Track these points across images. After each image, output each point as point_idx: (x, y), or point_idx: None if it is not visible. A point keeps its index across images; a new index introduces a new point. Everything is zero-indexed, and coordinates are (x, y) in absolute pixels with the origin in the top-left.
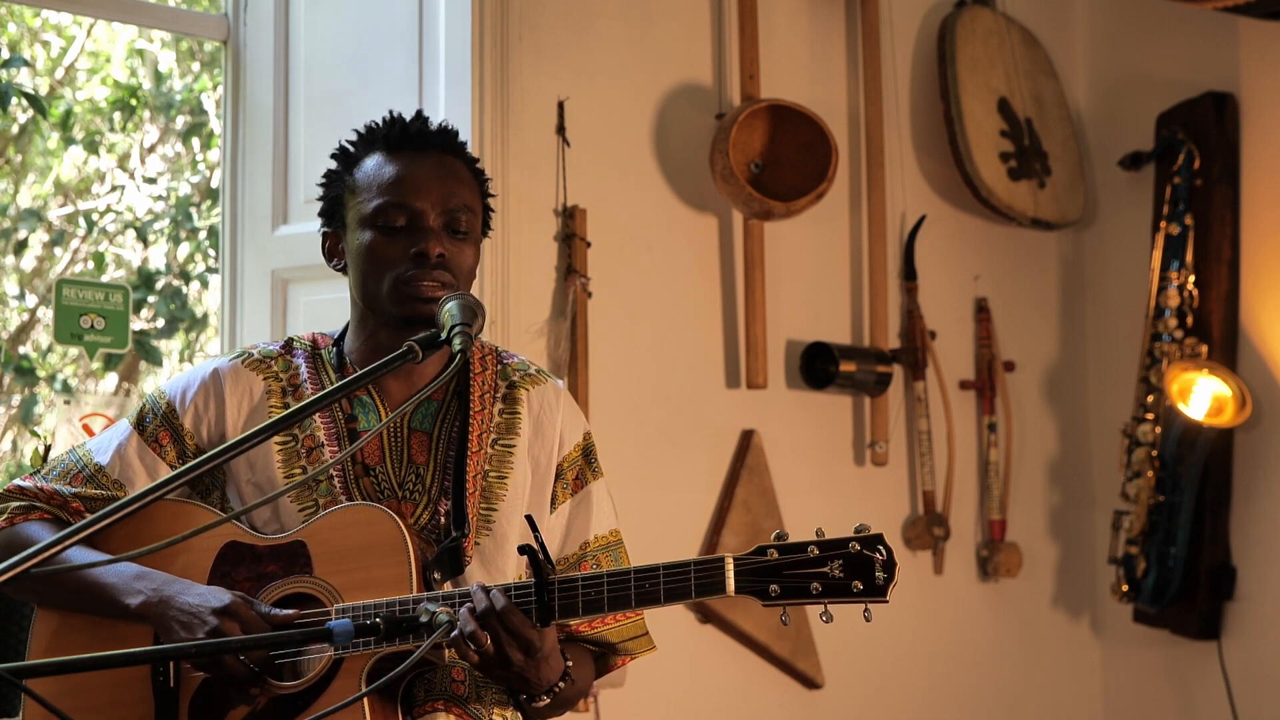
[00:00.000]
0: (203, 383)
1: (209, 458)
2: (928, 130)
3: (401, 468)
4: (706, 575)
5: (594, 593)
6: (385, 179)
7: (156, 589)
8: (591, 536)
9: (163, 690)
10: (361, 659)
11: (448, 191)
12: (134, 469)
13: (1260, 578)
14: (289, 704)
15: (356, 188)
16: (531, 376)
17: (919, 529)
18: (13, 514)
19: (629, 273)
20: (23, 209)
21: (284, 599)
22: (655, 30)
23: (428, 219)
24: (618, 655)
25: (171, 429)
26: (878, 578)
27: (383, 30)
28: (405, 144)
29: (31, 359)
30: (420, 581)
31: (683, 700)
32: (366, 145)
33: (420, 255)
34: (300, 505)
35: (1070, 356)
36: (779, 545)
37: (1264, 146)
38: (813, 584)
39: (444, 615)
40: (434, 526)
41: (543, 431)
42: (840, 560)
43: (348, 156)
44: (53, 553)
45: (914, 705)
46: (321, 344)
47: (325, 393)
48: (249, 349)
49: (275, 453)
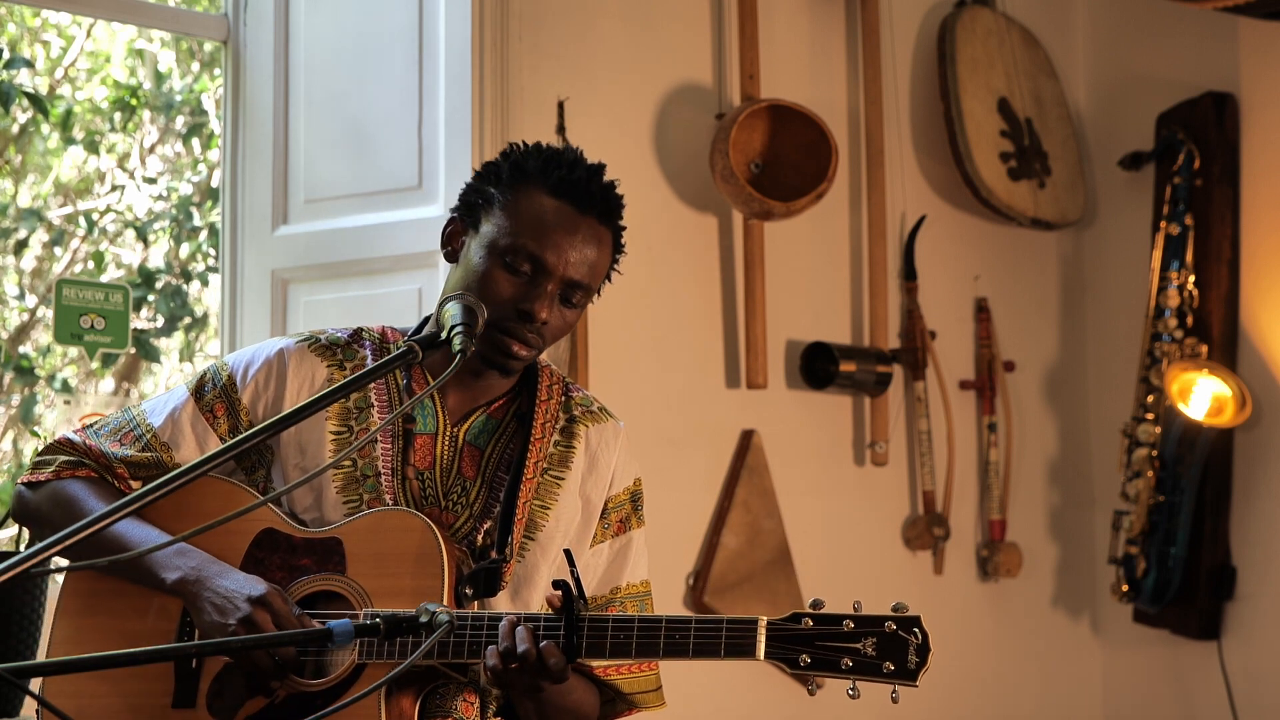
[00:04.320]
0: (267, 360)
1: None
2: (928, 130)
3: (450, 478)
4: (738, 636)
5: (623, 636)
6: (534, 221)
7: (195, 567)
8: (624, 583)
9: (184, 669)
10: (384, 668)
11: (582, 263)
12: (185, 434)
13: (1260, 578)
14: (307, 701)
15: (505, 208)
16: (594, 414)
17: (919, 529)
18: (61, 468)
19: (629, 273)
20: (23, 209)
21: (313, 595)
22: (655, 30)
23: (551, 282)
24: (625, 704)
25: (228, 401)
26: (910, 661)
27: (383, 30)
28: (572, 195)
29: (31, 359)
30: (452, 597)
31: (683, 700)
32: (538, 170)
33: (526, 314)
34: (345, 497)
35: (1070, 356)
36: (814, 615)
37: (1264, 146)
38: (844, 659)
39: (444, 615)
40: (470, 543)
41: (597, 469)
42: (874, 638)
43: (517, 169)
44: (99, 528)
45: (914, 705)
46: (391, 338)
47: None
48: (317, 333)
49: (329, 441)
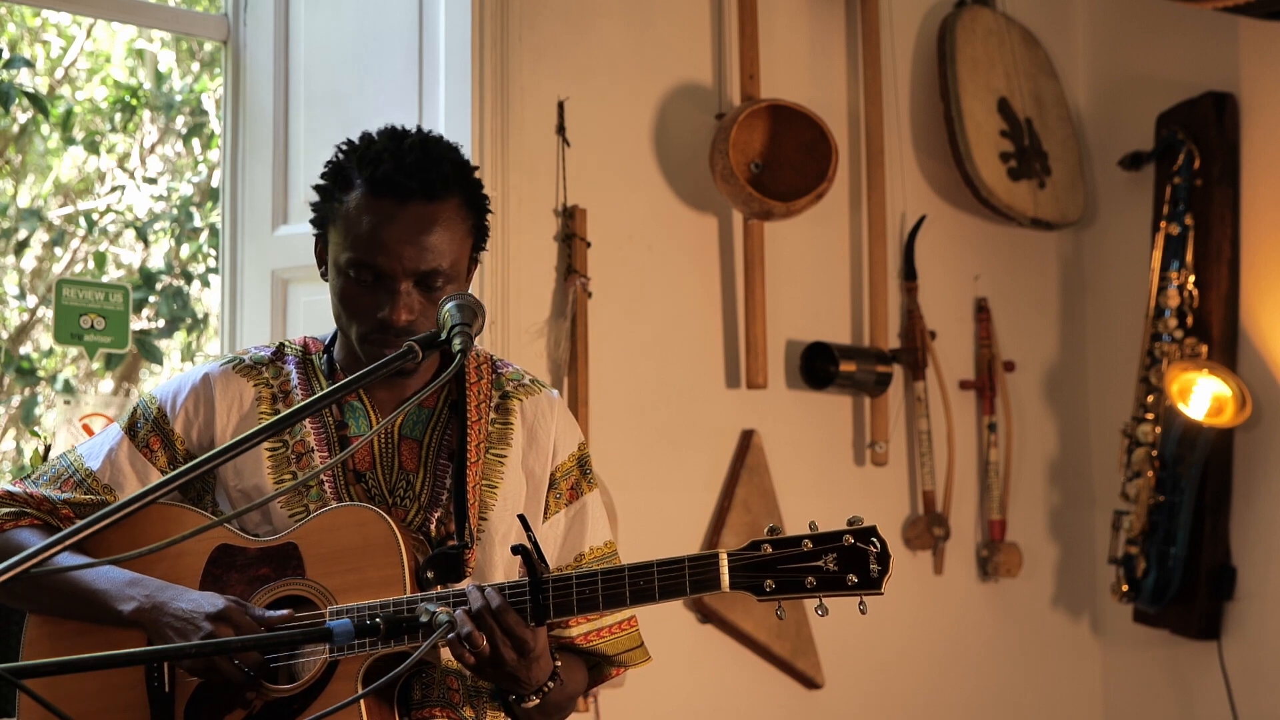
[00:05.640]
0: (193, 387)
1: (197, 464)
2: (928, 130)
3: (392, 474)
4: (701, 571)
5: (588, 590)
6: (359, 232)
7: (150, 595)
8: (587, 549)
9: (158, 695)
10: (357, 661)
11: (421, 253)
12: (124, 474)
13: (1260, 578)
14: (285, 707)
15: (337, 219)
16: (526, 387)
17: (919, 529)
18: (1, 520)
19: (629, 273)
20: (23, 209)
21: (277, 602)
22: (655, 30)
23: (397, 282)
24: (613, 666)
25: (162, 434)
26: (872, 570)
27: (383, 30)
28: (387, 188)
29: (32, 359)
30: (413, 582)
31: (683, 700)
32: (357, 170)
33: (384, 323)
34: (290, 511)
35: (1070, 356)
36: (772, 540)
37: (1264, 146)
38: (807, 578)
39: (444, 615)
40: (425, 533)
41: (537, 441)
42: (834, 553)
43: (339, 174)
44: (43, 558)
45: (914, 705)
46: (313, 349)
47: (313, 399)
48: (240, 354)
49: (265, 458)
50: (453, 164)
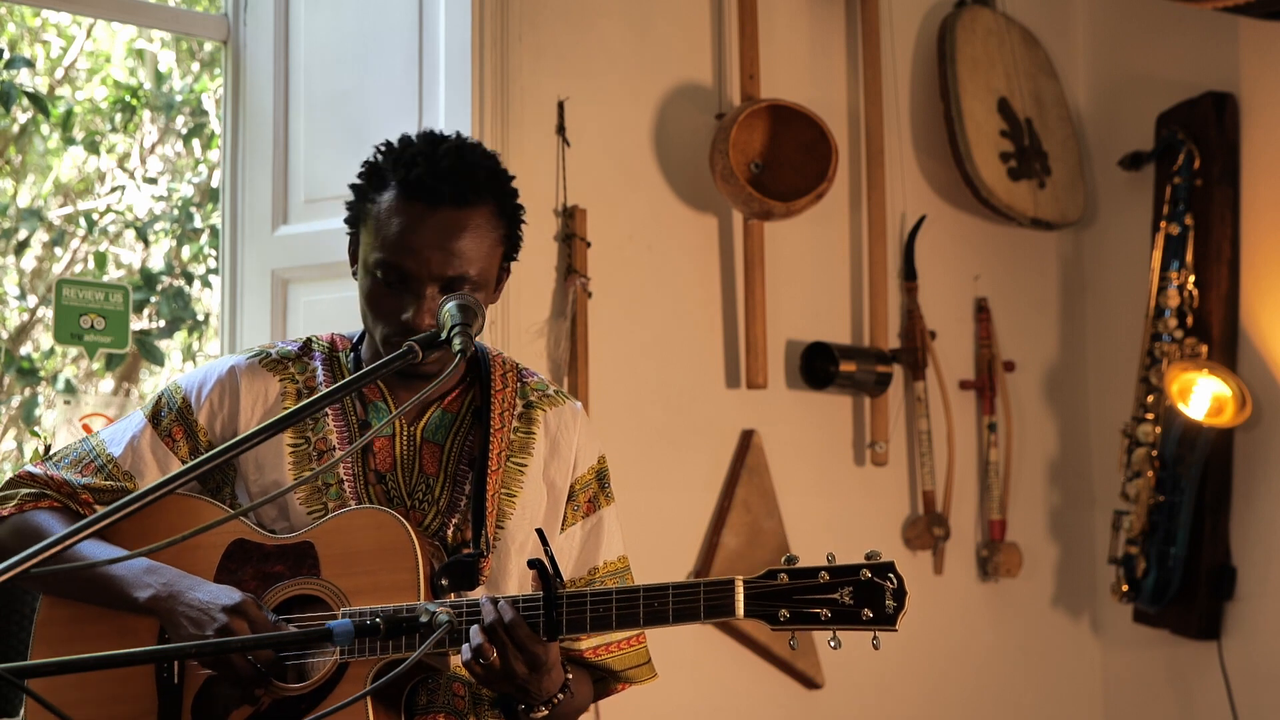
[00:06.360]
0: (219, 379)
1: (216, 454)
2: (928, 130)
3: (412, 478)
4: (717, 597)
5: (602, 609)
6: (389, 233)
7: (166, 584)
8: (601, 562)
9: (166, 687)
10: (367, 664)
11: (449, 259)
12: (146, 462)
13: (1260, 578)
14: (293, 706)
15: (369, 219)
16: (550, 397)
17: (919, 529)
18: (23, 500)
19: (629, 273)
20: (23, 209)
21: (289, 600)
22: (655, 30)
23: (423, 286)
24: (618, 681)
25: (185, 424)
26: (887, 606)
27: (383, 30)
28: (419, 191)
29: (33, 359)
30: (428, 588)
31: (683, 700)
32: (392, 171)
33: (407, 326)
34: (309, 508)
35: (1070, 356)
36: (789, 570)
37: (1264, 146)
38: (822, 610)
39: (444, 615)
40: (441, 539)
41: (559, 453)
42: (850, 587)
43: (373, 174)
44: (64, 546)
45: (914, 705)
46: (340, 346)
47: (312, 400)
48: (267, 348)
49: (287, 455)
50: (487, 171)
